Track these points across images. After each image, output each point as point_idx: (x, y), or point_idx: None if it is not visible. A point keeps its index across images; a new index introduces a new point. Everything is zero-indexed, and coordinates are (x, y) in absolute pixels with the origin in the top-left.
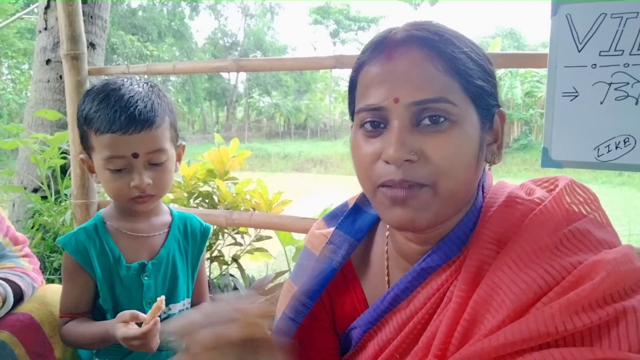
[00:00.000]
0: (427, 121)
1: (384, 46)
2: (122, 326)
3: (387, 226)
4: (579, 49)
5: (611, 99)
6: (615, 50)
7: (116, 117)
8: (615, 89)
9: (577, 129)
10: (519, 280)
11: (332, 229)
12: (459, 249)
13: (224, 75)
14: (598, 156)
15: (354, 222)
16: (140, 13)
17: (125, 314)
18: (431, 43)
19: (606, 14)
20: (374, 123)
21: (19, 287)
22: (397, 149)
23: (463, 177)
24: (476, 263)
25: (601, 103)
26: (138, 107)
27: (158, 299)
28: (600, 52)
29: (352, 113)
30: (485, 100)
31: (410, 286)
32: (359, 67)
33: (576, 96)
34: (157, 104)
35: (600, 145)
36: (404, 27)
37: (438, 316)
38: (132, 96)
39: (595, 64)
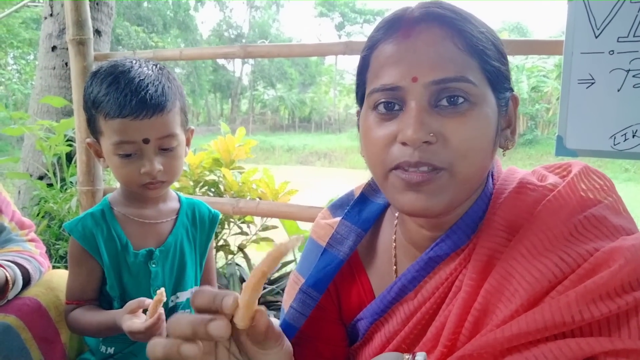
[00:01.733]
0: (445, 102)
1: (400, 24)
2: (128, 318)
3: (396, 214)
4: (596, 35)
5: (629, 86)
6: (634, 36)
7: (127, 101)
8: (634, 76)
9: (593, 117)
10: (532, 269)
11: (337, 218)
12: (469, 237)
13: (229, 67)
14: (614, 145)
15: (361, 212)
16: (145, 4)
17: (132, 303)
18: (450, 21)
19: None
20: (389, 104)
21: (27, 270)
22: (417, 130)
23: (481, 160)
24: (487, 251)
25: (618, 90)
26: (149, 92)
27: (157, 291)
28: (619, 38)
29: (362, 96)
30: (501, 82)
31: (418, 276)
32: (372, 46)
33: (592, 83)
34: (167, 87)
35: (616, 133)
36: (419, 5)
37: (447, 306)
38: (143, 79)
39: (612, 50)
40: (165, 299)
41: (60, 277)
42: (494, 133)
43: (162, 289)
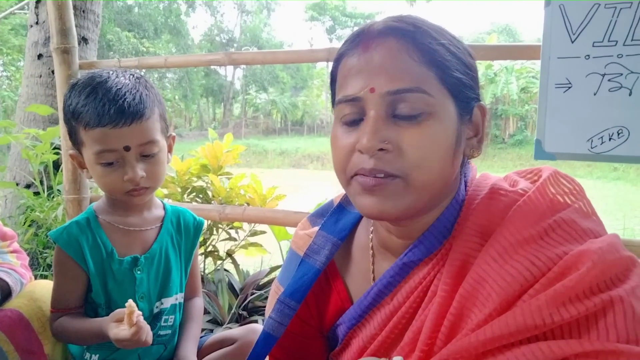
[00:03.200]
0: (402, 112)
1: (361, 38)
2: (115, 326)
3: (372, 221)
4: (573, 40)
5: (605, 90)
6: (609, 41)
7: (105, 110)
8: (609, 80)
9: (570, 121)
10: (504, 273)
11: (316, 228)
12: (440, 242)
13: (221, 71)
14: (591, 148)
15: (337, 222)
16: (136, 9)
17: (120, 312)
18: (407, 34)
19: (600, 4)
20: (352, 114)
21: (6, 283)
22: (370, 138)
23: (438, 169)
24: (460, 256)
25: (594, 94)
26: (127, 100)
27: (126, 304)
28: (594, 42)
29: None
30: (463, 92)
31: (393, 281)
32: (338, 59)
33: (569, 87)
34: (145, 95)
35: (593, 137)
36: (383, 20)
37: (423, 311)
38: (120, 88)
39: (588, 55)
40: (135, 310)
41: (43, 287)
42: (453, 142)
43: (130, 300)
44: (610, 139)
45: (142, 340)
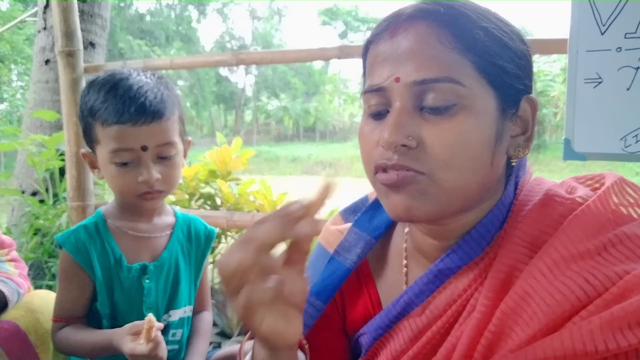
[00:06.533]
0: (430, 104)
1: (389, 22)
2: (130, 340)
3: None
4: (602, 32)
5: (639, 85)
6: None
7: (125, 108)
8: None
9: (602, 118)
10: (553, 290)
11: (349, 224)
12: (482, 248)
13: (232, 78)
14: (625, 147)
15: (372, 219)
16: (148, 18)
17: (137, 325)
18: (439, 17)
19: None
20: (378, 106)
21: (2, 293)
22: (392, 133)
23: (471, 170)
24: (505, 268)
25: (628, 89)
26: (148, 98)
27: (146, 319)
28: (626, 34)
29: None
30: (507, 82)
31: (426, 289)
32: (366, 46)
33: (600, 82)
34: (166, 95)
35: (627, 135)
36: (415, 2)
37: (460, 326)
38: (141, 86)
39: (620, 47)
40: (155, 324)
41: (41, 298)
42: (492, 139)
43: (151, 315)
44: None
45: (159, 357)
